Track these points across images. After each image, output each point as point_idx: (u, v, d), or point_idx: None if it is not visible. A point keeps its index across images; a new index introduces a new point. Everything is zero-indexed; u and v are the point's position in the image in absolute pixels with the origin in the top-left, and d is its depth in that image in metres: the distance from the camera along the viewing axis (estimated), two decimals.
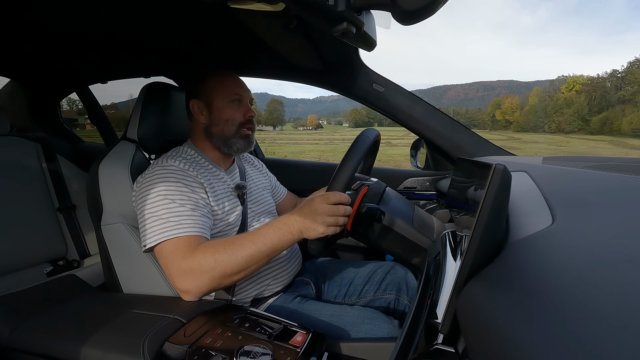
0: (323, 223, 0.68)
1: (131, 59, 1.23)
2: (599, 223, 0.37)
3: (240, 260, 0.69)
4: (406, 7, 0.44)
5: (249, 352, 0.55)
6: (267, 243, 0.70)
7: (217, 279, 0.69)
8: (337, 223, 0.69)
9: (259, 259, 0.70)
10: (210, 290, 0.71)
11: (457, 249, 0.55)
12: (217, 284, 0.70)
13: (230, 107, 0.89)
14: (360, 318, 0.79)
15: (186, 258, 0.69)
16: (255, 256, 0.70)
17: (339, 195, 0.70)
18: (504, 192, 0.36)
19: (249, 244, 0.70)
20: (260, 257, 0.70)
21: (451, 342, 0.38)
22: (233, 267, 0.69)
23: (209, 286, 0.70)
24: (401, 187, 1.32)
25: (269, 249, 0.70)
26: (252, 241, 0.70)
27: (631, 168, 0.67)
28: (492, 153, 1.17)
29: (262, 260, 0.71)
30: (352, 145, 0.74)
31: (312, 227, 0.69)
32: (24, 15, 0.83)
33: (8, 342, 0.67)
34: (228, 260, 0.68)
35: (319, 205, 0.69)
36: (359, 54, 1.10)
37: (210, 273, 0.68)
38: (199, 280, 0.69)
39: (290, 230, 0.71)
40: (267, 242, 0.70)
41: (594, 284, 0.24)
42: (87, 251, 1.53)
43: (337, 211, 0.69)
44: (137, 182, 0.80)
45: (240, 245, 0.70)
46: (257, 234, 0.71)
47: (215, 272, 0.68)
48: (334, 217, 0.69)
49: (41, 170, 1.49)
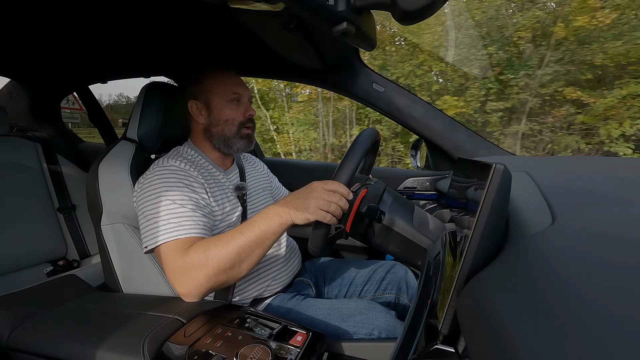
0: (315, 206, 0.66)
1: (131, 59, 1.23)
2: (599, 223, 0.37)
3: (232, 253, 0.68)
4: (406, 7, 0.44)
5: (249, 353, 0.55)
6: (256, 231, 0.69)
7: (213, 276, 0.68)
8: (329, 208, 0.67)
9: (250, 250, 0.69)
10: (209, 288, 0.70)
11: (457, 249, 0.55)
12: (214, 282, 0.69)
13: (229, 107, 0.88)
14: (357, 309, 0.79)
15: (180, 258, 0.69)
16: (246, 246, 0.68)
17: (338, 185, 0.68)
18: (504, 192, 0.37)
19: (238, 235, 0.69)
20: (251, 247, 0.69)
21: (451, 342, 0.38)
22: (226, 261, 0.68)
23: (205, 285, 0.69)
24: (401, 187, 1.32)
25: (259, 236, 0.69)
26: (241, 232, 0.69)
27: None
28: (492, 153, 1.17)
29: (255, 251, 0.70)
30: (353, 144, 0.74)
31: (303, 207, 0.67)
32: (24, 15, 0.83)
33: (8, 342, 0.67)
34: (220, 254, 0.67)
35: (315, 186, 0.68)
36: (359, 54, 1.10)
37: (204, 270, 0.67)
38: (194, 279, 0.68)
39: (278, 214, 0.70)
40: (255, 230, 0.69)
41: (594, 284, 0.24)
42: (87, 251, 1.53)
43: (332, 197, 0.67)
44: (138, 183, 0.80)
45: (230, 238, 0.69)
46: (246, 224, 0.71)
47: (209, 268, 0.67)
48: (328, 202, 0.66)
49: (41, 170, 1.49)
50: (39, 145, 1.51)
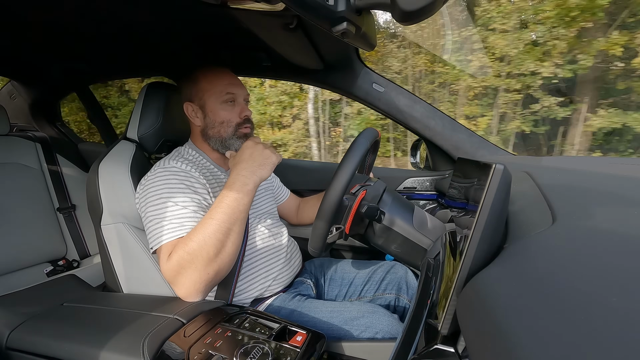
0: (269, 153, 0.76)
1: (131, 59, 1.23)
2: (600, 223, 0.37)
3: (210, 239, 0.67)
4: (406, 7, 0.44)
5: (249, 352, 0.55)
6: (226, 209, 0.69)
7: (203, 269, 0.67)
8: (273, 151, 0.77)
9: (228, 228, 0.69)
10: (206, 283, 0.70)
11: (457, 249, 0.55)
12: (207, 274, 0.68)
13: (224, 108, 0.87)
14: (360, 312, 0.79)
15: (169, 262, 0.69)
16: (223, 228, 0.68)
17: None
18: (504, 192, 0.37)
19: (209, 221, 0.69)
20: (228, 224, 0.69)
21: (451, 342, 0.38)
22: (208, 249, 0.67)
23: (200, 280, 0.68)
24: (401, 187, 1.32)
25: (231, 214, 0.69)
26: (211, 217, 0.69)
27: None
28: (492, 153, 1.17)
29: (232, 229, 0.69)
30: (353, 144, 0.74)
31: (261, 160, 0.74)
32: (24, 15, 0.83)
33: (8, 342, 0.67)
34: (199, 246, 0.67)
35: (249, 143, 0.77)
36: (359, 54, 1.10)
37: (192, 266, 0.67)
38: (187, 278, 0.68)
39: (244, 182, 0.72)
40: (225, 209, 0.69)
41: (594, 284, 0.24)
42: (87, 251, 1.53)
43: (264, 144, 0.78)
44: (140, 184, 0.80)
45: (202, 226, 0.69)
46: (213, 207, 0.70)
47: (196, 262, 0.67)
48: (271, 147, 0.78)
49: (41, 170, 1.49)
50: (39, 145, 1.51)
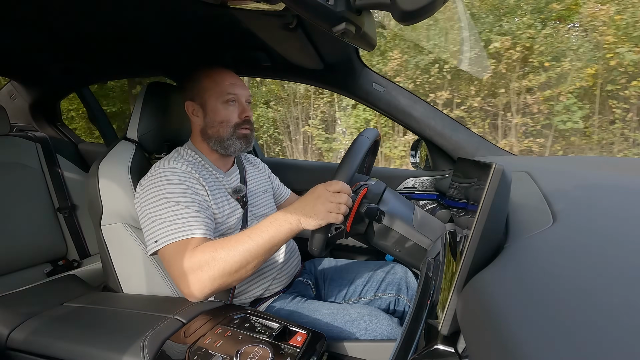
0: (324, 210, 0.68)
1: (131, 59, 1.23)
2: (600, 223, 0.37)
3: (239, 257, 0.68)
4: (406, 7, 0.44)
5: (249, 352, 0.55)
6: (265, 236, 0.69)
7: (218, 278, 0.68)
8: (338, 210, 0.68)
9: (257, 254, 0.69)
10: (213, 290, 0.70)
11: (457, 249, 0.55)
12: (219, 284, 0.69)
13: (225, 108, 0.87)
14: (360, 315, 0.79)
15: (187, 259, 0.69)
16: (253, 251, 0.69)
17: (341, 184, 0.70)
18: (504, 192, 0.36)
19: (246, 239, 0.69)
20: (258, 251, 0.69)
21: (451, 342, 0.38)
22: (232, 264, 0.68)
23: (210, 286, 0.69)
24: (401, 187, 1.32)
25: (267, 242, 0.69)
26: (249, 236, 0.69)
27: None
28: (492, 153, 1.17)
29: (261, 255, 0.70)
30: (353, 144, 0.74)
31: (313, 213, 0.68)
32: (24, 15, 0.83)
33: (8, 342, 0.67)
34: (226, 257, 0.68)
35: (321, 191, 0.69)
36: (359, 54, 1.10)
37: (210, 272, 0.68)
38: (199, 279, 0.68)
39: (287, 220, 0.70)
40: (264, 235, 0.69)
41: (594, 284, 0.24)
42: (87, 251, 1.53)
43: (339, 198, 0.68)
44: (139, 185, 0.80)
45: (237, 241, 0.69)
46: (254, 229, 0.71)
47: (215, 270, 0.67)
48: (336, 204, 0.68)
49: (41, 170, 1.49)
50: (39, 145, 1.51)
